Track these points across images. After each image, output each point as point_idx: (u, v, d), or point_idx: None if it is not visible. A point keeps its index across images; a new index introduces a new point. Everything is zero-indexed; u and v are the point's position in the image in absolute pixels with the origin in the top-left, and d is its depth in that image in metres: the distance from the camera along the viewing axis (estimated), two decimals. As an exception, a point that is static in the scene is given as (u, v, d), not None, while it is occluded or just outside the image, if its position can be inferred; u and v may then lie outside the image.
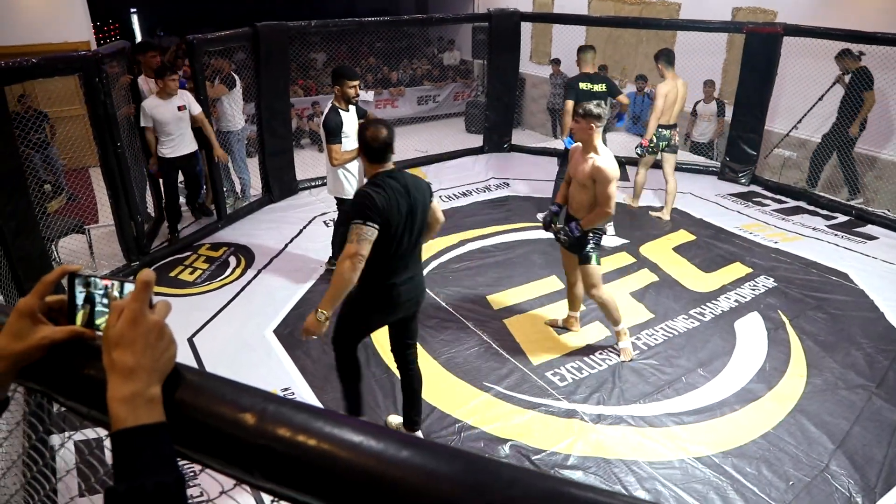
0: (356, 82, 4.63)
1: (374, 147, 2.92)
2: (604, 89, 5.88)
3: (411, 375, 3.49)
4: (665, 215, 6.56)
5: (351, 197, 4.81)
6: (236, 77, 6.47)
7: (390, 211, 2.86)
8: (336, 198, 4.95)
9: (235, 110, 6.53)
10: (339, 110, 4.59)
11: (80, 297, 0.83)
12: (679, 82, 6.24)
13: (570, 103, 5.78)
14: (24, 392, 1.04)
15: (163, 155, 5.59)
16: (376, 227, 2.83)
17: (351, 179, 4.81)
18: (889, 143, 7.08)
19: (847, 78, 6.75)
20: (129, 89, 5.76)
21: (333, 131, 4.52)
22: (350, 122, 4.65)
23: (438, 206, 3.21)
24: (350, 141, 4.62)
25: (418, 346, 4.17)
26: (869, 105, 6.66)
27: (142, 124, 5.48)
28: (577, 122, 3.92)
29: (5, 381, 0.81)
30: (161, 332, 0.76)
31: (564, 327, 4.66)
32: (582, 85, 5.90)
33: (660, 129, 6.31)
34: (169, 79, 5.34)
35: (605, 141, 4.84)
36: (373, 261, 2.88)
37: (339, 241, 5.09)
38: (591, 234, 4.08)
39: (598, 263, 4.16)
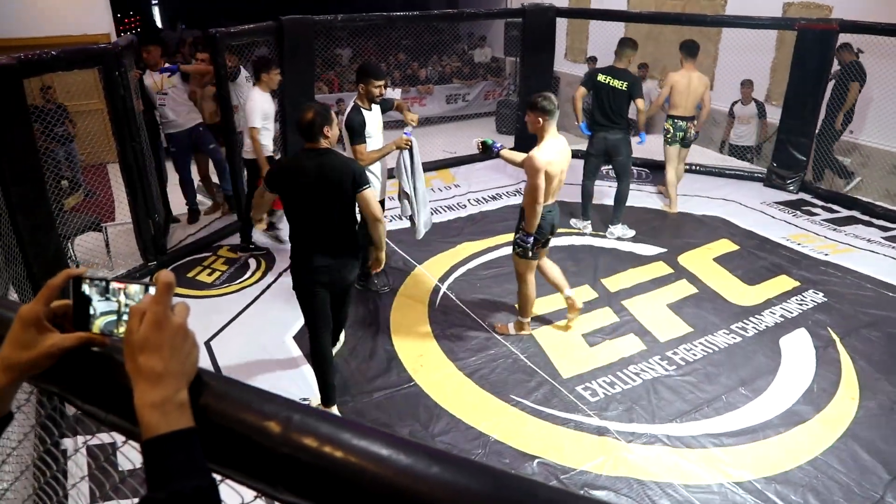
0: (382, 82, 4.47)
1: (299, 127, 3.40)
2: (624, 88, 5.72)
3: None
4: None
5: (378, 198, 4.65)
6: (243, 70, 6.31)
7: (283, 181, 3.42)
8: None
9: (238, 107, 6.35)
10: (362, 109, 4.44)
11: (86, 302, 0.80)
12: (694, 75, 6.25)
13: (580, 90, 5.95)
14: (38, 393, 1.04)
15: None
16: (266, 189, 3.47)
17: (373, 181, 4.63)
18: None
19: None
20: (139, 84, 5.67)
21: (357, 131, 4.36)
22: (373, 121, 4.50)
23: (370, 197, 3.48)
24: (373, 141, 4.48)
25: (442, 354, 4.27)
26: (853, 96, 6.89)
27: (258, 125, 5.11)
28: (527, 113, 4.03)
29: (9, 394, 0.78)
30: (185, 335, 0.75)
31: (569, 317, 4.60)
32: (601, 77, 5.83)
33: (676, 121, 6.34)
34: (273, 72, 5.24)
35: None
36: (290, 224, 3.53)
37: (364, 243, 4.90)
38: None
39: (530, 258, 4.24)
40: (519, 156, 4.35)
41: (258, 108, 5.13)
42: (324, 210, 3.41)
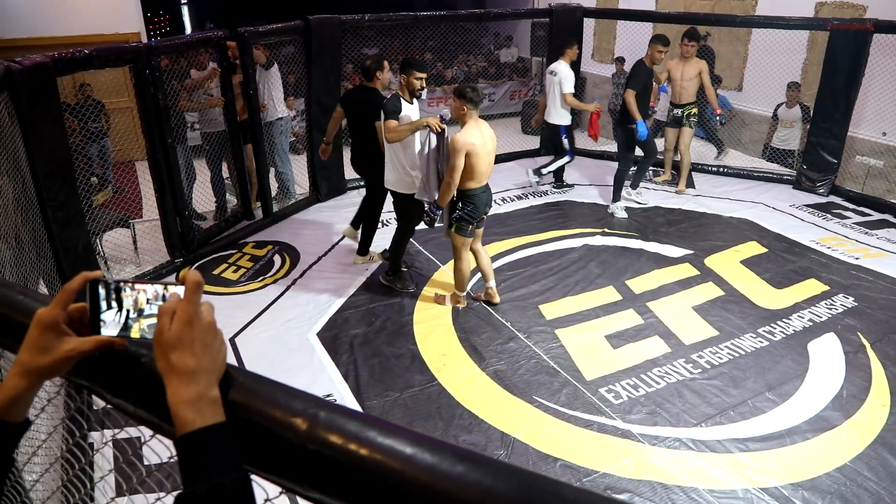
0: (424, 75, 4.61)
1: (361, 70, 4.83)
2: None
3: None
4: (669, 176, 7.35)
5: (404, 191, 4.69)
6: (273, 62, 6.31)
7: (344, 102, 5.08)
8: (391, 191, 4.81)
9: (276, 98, 6.36)
10: (402, 99, 4.51)
11: (104, 305, 0.79)
12: None
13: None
14: (67, 387, 1.03)
15: None
16: (340, 105, 5.09)
17: (400, 170, 4.64)
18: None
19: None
20: (222, 79, 5.71)
21: (392, 111, 4.42)
22: (410, 113, 4.55)
23: (382, 126, 4.53)
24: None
25: (465, 354, 4.29)
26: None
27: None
28: (454, 99, 4.32)
29: (28, 399, 0.79)
30: (215, 332, 0.76)
31: (487, 301, 4.83)
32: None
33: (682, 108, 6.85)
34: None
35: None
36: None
37: (398, 238, 4.95)
38: (458, 206, 4.39)
39: (465, 235, 4.46)
40: None
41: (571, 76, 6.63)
42: (356, 129, 4.94)
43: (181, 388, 0.72)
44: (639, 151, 6.55)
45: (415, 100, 4.64)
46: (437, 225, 4.68)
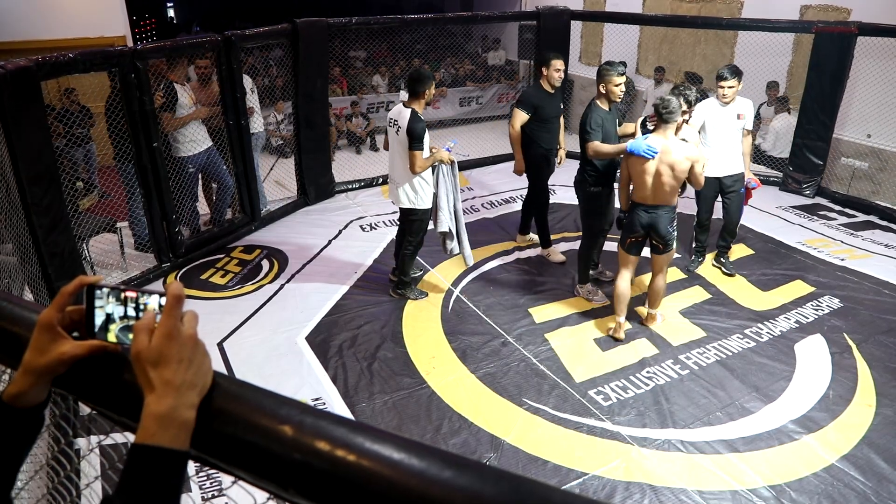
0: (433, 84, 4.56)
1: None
2: None
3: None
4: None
5: (423, 207, 4.63)
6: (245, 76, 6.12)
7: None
8: (402, 209, 4.72)
9: (254, 110, 6.23)
10: (420, 115, 4.43)
11: (98, 310, 0.80)
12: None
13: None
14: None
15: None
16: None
17: (427, 189, 4.61)
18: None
19: None
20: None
21: (419, 137, 4.35)
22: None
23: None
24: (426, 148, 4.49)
25: (455, 357, 4.27)
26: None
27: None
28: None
29: (34, 395, 0.80)
30: (196, 344, 0.75)
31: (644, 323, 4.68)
32: None
33: None
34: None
35: None
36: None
37: (406, 252, 4.87)
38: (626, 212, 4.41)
39: (622, 247, 4.47)
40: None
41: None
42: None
43: (156, 402, 0.71)
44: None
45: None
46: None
